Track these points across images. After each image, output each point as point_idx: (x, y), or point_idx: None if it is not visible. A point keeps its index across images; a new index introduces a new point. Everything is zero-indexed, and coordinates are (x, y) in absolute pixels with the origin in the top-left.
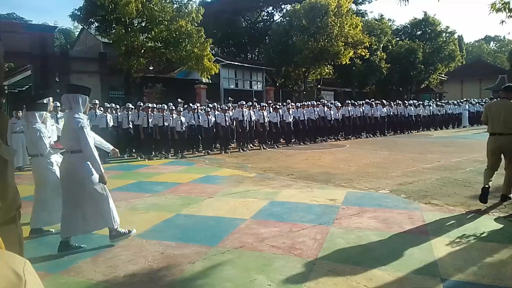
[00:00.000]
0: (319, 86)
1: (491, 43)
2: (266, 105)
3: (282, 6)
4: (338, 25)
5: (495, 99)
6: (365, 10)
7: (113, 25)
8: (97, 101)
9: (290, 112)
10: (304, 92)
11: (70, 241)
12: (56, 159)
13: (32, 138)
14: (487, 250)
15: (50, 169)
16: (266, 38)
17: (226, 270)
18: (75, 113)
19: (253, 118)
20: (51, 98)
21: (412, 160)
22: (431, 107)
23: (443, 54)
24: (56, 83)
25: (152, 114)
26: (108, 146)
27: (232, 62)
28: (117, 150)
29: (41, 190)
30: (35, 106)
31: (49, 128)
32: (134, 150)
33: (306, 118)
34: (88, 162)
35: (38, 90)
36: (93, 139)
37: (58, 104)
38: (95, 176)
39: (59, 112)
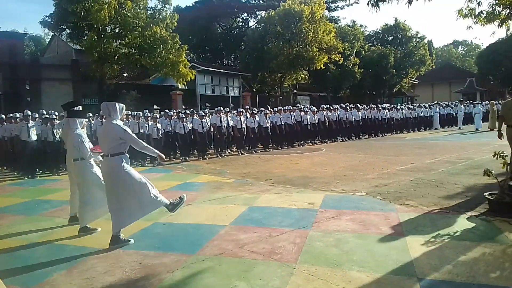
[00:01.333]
0: (295, 91)
1: (459, 47)
2: (243, 111)
3: (257, 13)
4: (312, 31)
5: (508, 99)
6: (338, 17)
7: (85, 31)
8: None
9: (267, 117)
10: (281, 97)
11: (120, 235)
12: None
13: (74, 143)
14: (460, 249)
15: (91, 171)
16: (242, 44)
17: (206, 278)
18: (113, 119)
19: (231, 123)
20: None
21: (387, 162)
22: (403, 110)
23: (414, 58)
24: (26, 91)
25: (127, 121)
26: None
27: (208, 68)
28: (163, 157)
29: (85, 191)
30: (75, 113)
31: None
32: None
33: (283, 123)
34: (125, 162)
35: (8, 98)
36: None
37: (29, 113)
38: (133, 173)
39: (30, 121)
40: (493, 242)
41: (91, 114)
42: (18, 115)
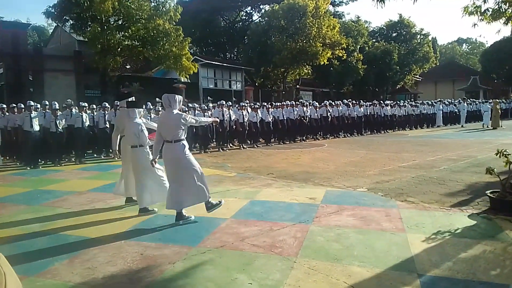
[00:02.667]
0: (297, 86)
1: (464, 45)
2: (246, 105)
3: (261, 7)
4: (316, 26)
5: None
6: (342, 12)
7: (89, 22)
8: (70, 101)
9: (270, 111)
10: (283, 92)
11: (182, 212)
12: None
13: (135, 131)
14: (461, 246)
15: (148, 158)
16: (245, 38)
17: (207, 270)
18: (173, 109)
19: (233, 117)
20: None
21: (389, 159)
22: (406, 107)
23: (418, 55)
24: (29, 82)
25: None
26: (208, 120)
27: (211, 62)
28: (217, 120)
29: (142, 176)
30: (134, 103)
31: None
32: (111, 150)
33: (285, 118)
34: (187, 148)
35: (11, 88)
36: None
37: (32, 103)
38: (193, 159)
39: (33, 112)
40: (494, 240)
41: (94, 106)
42: (23, 105)
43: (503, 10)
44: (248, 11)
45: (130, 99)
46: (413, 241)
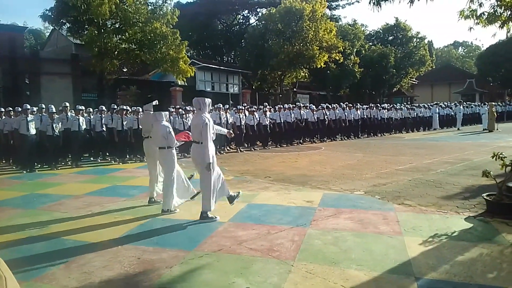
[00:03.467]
0: (294, 89)
1: (460, 48)
2: (243, 108)
3: (258, 10)
4: (313, 29)
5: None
6: (339, 15)
7: (86, 26)
8: (67, 104)
9: (267, 115)
10: (280, 95)
11: (208, 213)
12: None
13: (163, 133)
14: (458, 249)
15: (174, 159)
16: (242, 41)
17: (205, 274)
18: (203, 112)
19: (230, 121)
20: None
21: (385, 162)
22: (402, 110)
23: (414, 58)
24: (26, 85)
25: (127, 117)
26: (224, 130)
27: (208, 65)
28: (231, 132)
29: (169, 177)
30: (161, 107)
31: None
32: (108, 154)
33: (282, 121)
34: (213, 148)
35: (7, 92)
36: (212, 132)
37: (29, 107)
38: (215, 159)
39: (29, 115)
40: (491, 242)
41: (91, 109)
42: (19, 109)
43: (499, 14)
44: (245, 15)
45: (155, 103)
46: (410, 244)
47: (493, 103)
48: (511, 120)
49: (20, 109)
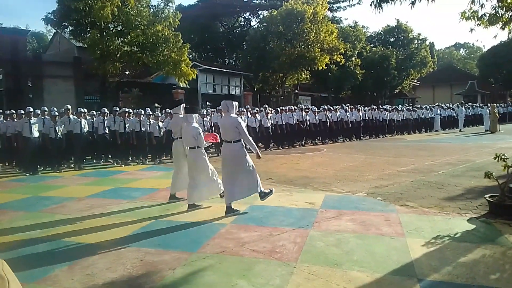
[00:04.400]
0: (296, 91)
1: (461, 49)
2: (245, 110)
3: (259, 12)
4: (314, 31)
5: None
6: (340, 17)
7: (88, 29)
8: (69, 106)
9: (269, 117)
10: (282, 97)
11: (231, 206)
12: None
13: (193, 134)
14: (460, 250)
15: (203, 158)
16: (244, 43)
17: (207, 276)
18: (231, 113)
19: None
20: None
21: (387, 163)
22: (404, 112)
23: (416, 60)
24: (28, 88)
25: (129, 119)
26: (253, 144)
27: (210, 67)
28: (260, 156)
29: (196, 175)
30: (192, 109)
31: None
32: (110, 156)
33: (284, 123)
34: (244, 147)
35: (10, 94)
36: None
37: (31, 110)
38: (248, 157)
39: (32, 118)
40: (493, 244)
41: (94, 112)
42: (22, 111)
43: (500, 15)
44: (247, 17)
45: (183, 106)
46: (412, 245)
47: (495, 104)
48: None
49: (23, 112)
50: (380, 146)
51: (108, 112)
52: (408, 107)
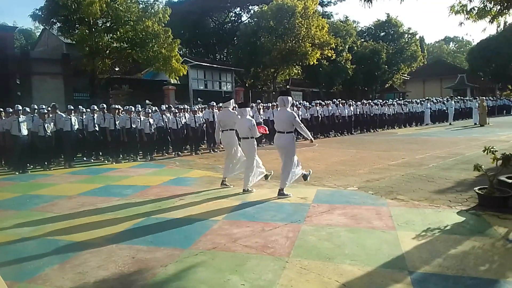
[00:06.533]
0: (288, 86)
1: (451, 43)
2: (236, 106)
3: (250, 7)
4: (305, 26)
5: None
6: (331, 12)
7: (77, 25)
8: (56, 104)
9: (261, 112)
10: (273, 93)
11: (284, 190)
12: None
13: (249, 125)
14: (450, 242)
15: (255, 148)
16: (235, 39)
17: (200, 272)
18: (286, 108)
19: None
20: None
21: (378, 157)
22: (395, 106)
23: (406, 54)
24: (16, 86)
25: (119, 116)
26: (308, 133)
27: (201, 63)
28: (315, 143)
29: (250, 162)
30: (245, 104)
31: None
32: (101, 153)
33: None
34: (295, 138)
35: None
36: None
37: (20, 108)
38: (295, 148)
39: (21, 116)
40: (483, 235)
41: (84, 109)
42: (10, 110)
43: (488, 9)
44: (237, 12)
45: (232, 101)
46: (403, 238)
47: (484, 97)
48: (502, 115)
49: (11, 110)
50: (371, 140)
51: (98, 109)
52: (398, 101)
